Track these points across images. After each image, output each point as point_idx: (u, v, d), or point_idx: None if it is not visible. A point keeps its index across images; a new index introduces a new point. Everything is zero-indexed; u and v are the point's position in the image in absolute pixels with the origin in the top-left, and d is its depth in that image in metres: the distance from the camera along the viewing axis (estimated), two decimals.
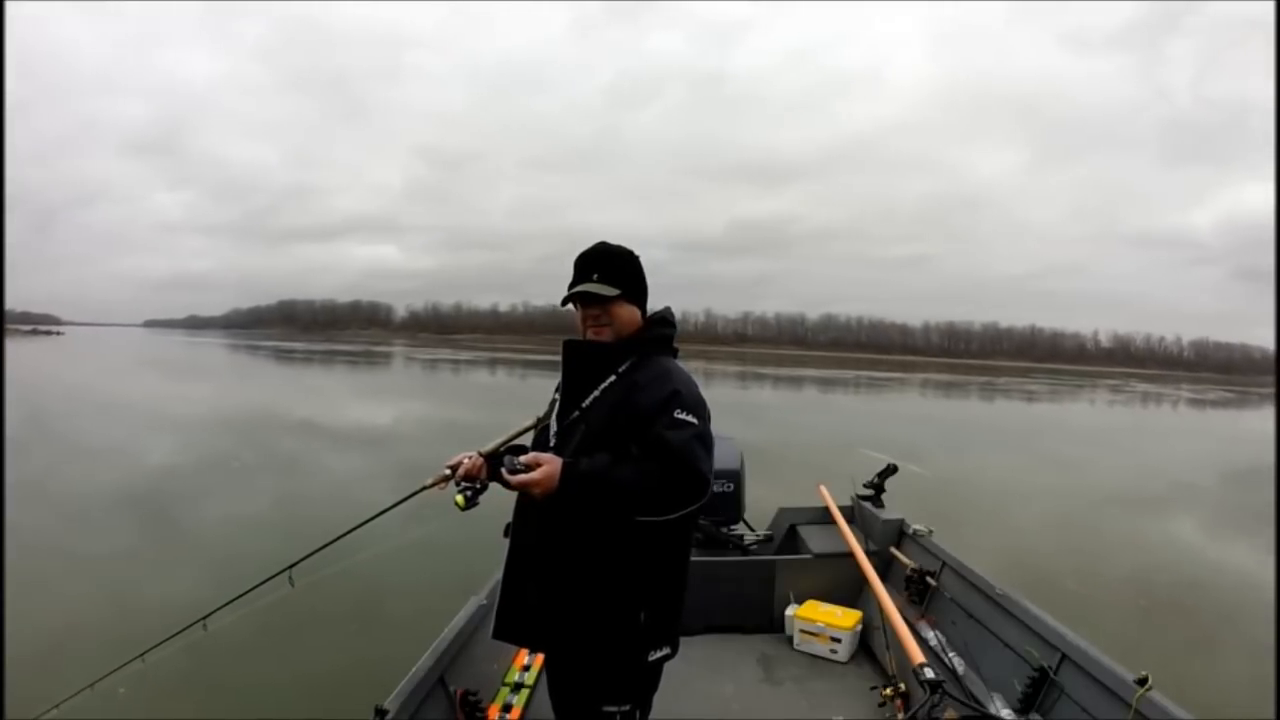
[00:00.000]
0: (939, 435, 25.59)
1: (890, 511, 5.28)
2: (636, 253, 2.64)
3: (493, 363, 69.04)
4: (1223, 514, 15.41)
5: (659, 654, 2.45)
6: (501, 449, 2.64)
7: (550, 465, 2.27)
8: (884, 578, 4.51)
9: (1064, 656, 3.31)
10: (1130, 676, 2.88)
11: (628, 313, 2.52)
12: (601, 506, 2.27)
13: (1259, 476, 20.19)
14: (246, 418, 21.64)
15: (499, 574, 3.79)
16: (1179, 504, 15.86)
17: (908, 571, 4.69)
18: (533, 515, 2.45)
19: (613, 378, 2.46)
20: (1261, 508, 15.06)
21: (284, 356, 68.72)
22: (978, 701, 3.45)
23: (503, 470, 2.37)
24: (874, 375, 79.87)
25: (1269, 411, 59.01)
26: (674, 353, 2.60)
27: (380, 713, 2.70)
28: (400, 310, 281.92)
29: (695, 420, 2.32)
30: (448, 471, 2.59)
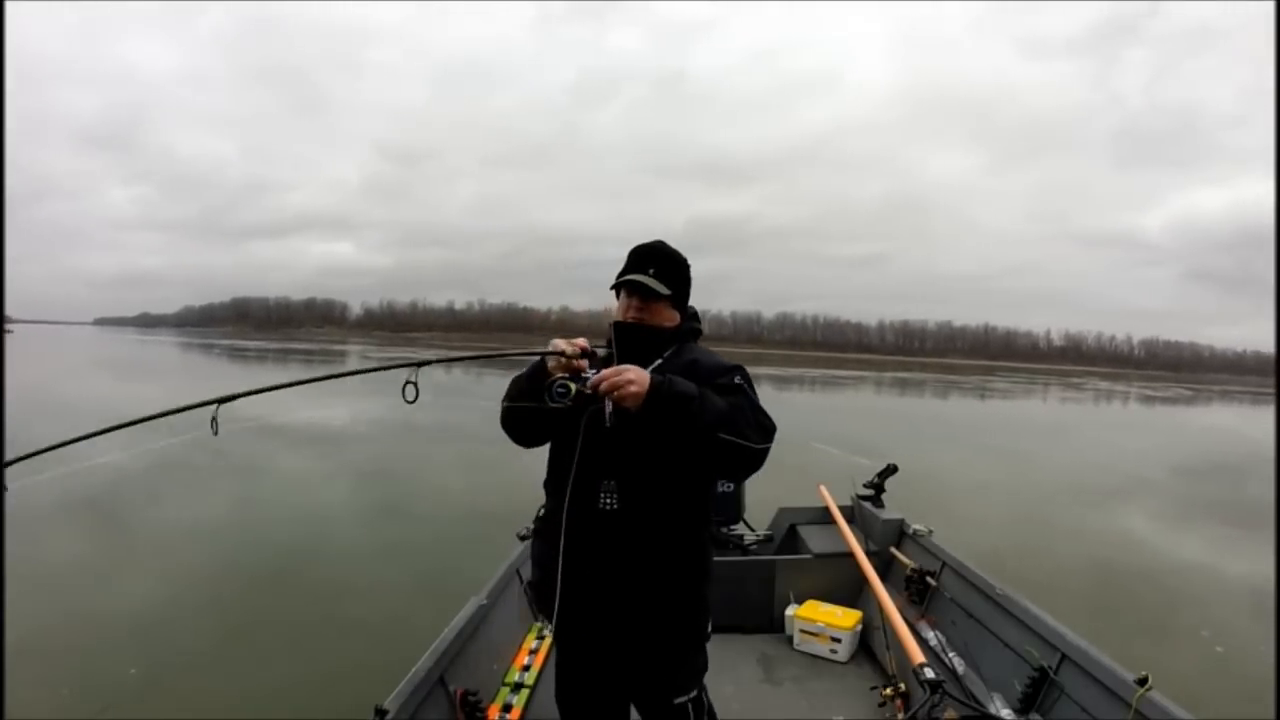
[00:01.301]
0: (893, 431, 26.04)
1: (890, 511, 5.27)
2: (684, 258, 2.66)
3: (449, 361, 68.65)
4: (1173, 506, 15.74)
5: (711, 625, 2.61)
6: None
7: (640, 372, 2.23)
8: (884, 578, 4.49)
9: (1064, 656, 3.29)
10: (1130, 676, 2.87)
11: (668, 315, 2.59)
12: (692, 415, 2.20)
13: (1207, 470, 21.13)
14: (197, 418, 21.04)
15: (499, 574, 3.96)
16: (1130, 497, 16.19)
17: (908, 571, 4.69)
18: (588, 497, 2.44)
19: (659, 361, 2.50)
20: (1209, 500, 16.25)
21: (238, 355, 67.48)
22: (978, 701, 3.43)
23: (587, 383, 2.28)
24: (831, 373, 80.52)
25: (1219, 408, 60.49)
26: None
27: (380, 713, 2.66)
28: (356, 308, 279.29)
29: (747, 384, 2.39)
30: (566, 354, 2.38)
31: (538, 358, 2.48)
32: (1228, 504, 16.12)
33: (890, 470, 5.48)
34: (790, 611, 4.73)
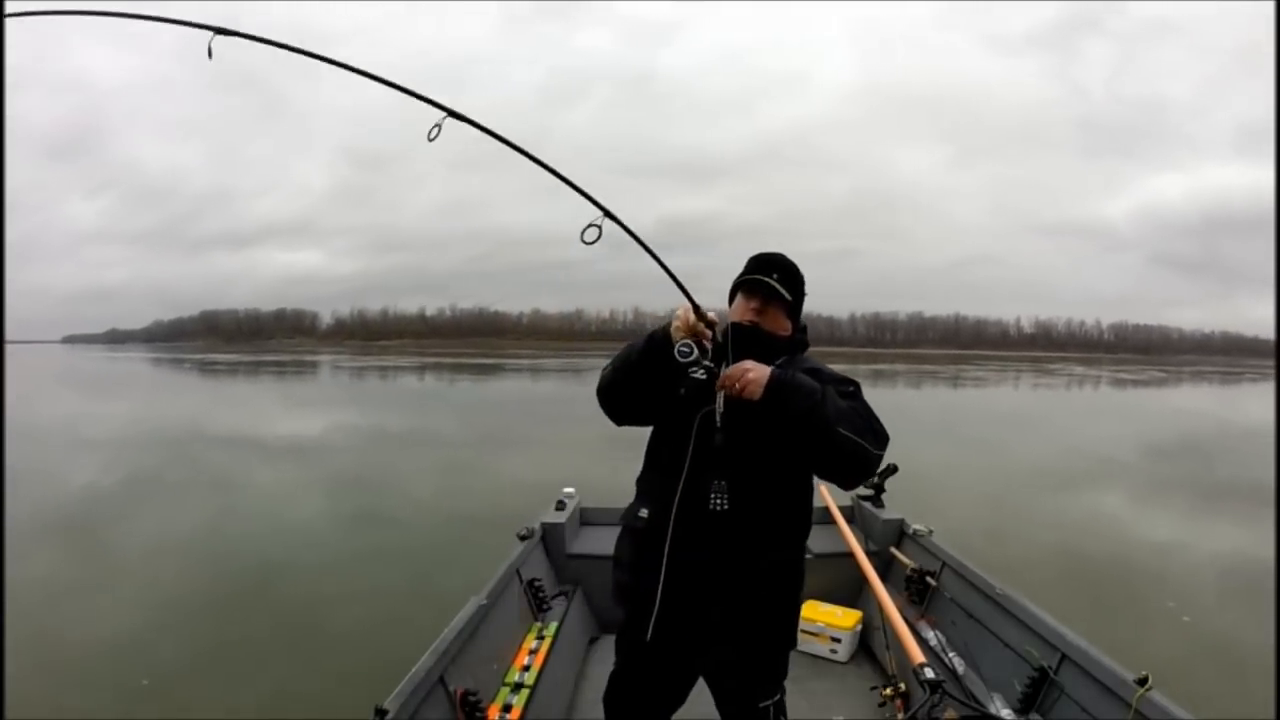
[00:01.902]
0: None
1: (890, 511, 5.26)
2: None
3: (422, 368, 68.25)
4: (1146, 487, 15.97)
5: None
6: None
7: (759, 367, 2.30)
8: (884, 578, 4.47)
9: (1064, 656, 3.28)
10: (1130, 676, 2.86)
11: (783, 322, 2.60)
12: (814, 406, 2.24)
13: (1178, 450, 21.40)
14: (173, 435, 20.95)
15: (499, 574, 4.08)
16: (1102, 479, 16.40)
17: (908, 571, 4.67)
18: (698, 496, 2.44)
19: (777, 364, 2.43)
20: (1180, 479, 16.50)
21: (209, 369, 67.02)
22: (978, 701, 3.42)
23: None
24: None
25: (1189, 389, 61.10)
26: None
27: (380, 713, 2.63)
28: (326, 317, 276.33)
29: (883, 451, 2.36)
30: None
31: None
32: (1198, 483, 16.36)
33: (890, 470, 5.40)
34: None
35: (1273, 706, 4.71)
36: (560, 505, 5.40)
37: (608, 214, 2.53)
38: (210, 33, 2.36)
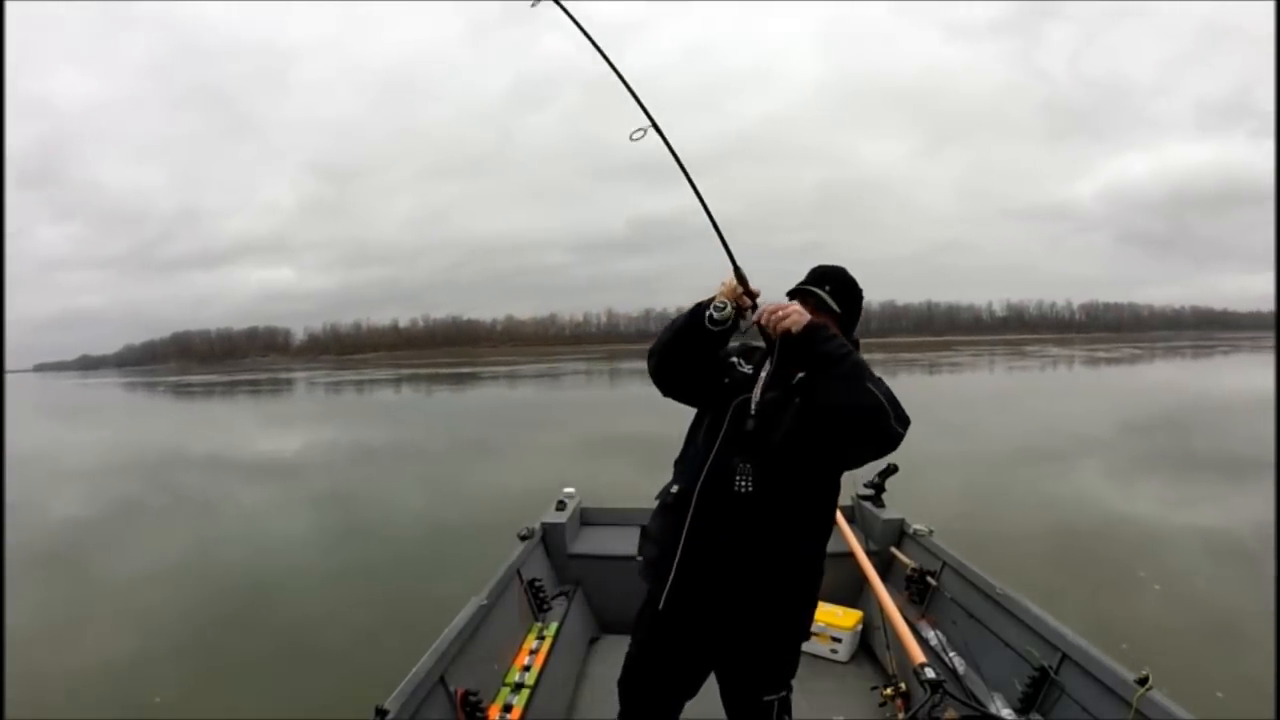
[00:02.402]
0: None
1: (890, 511, 5.25)
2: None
3: (398, 380, 67.92)
4: (1123, 462, 16.27)
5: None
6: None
7: (801, 310, 2.45)
8: (884, 578, 4.46)
9: (1064, 656, 3.27)
10: (1130, 676, 2.85)
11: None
12: (845, 354, 2.36)
13: (1153, 426, 21.61)
14: (151, 460, 20.84)
15: (499, 574, 4.11)
16: (1080, 456, 16.69)
17: (908, 571, 4.65)
18: (724, 477, 2.53)
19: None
20: (1156, 454, 16.86)
21: (183, 392, 66.43)
22: (978, 701, 3.42)
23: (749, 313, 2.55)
24: None
25: (1162, 364, 61.63)
26: None
27: (380, 713, 2.64)
28: (299, 333, 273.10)
29: (904, 430, 2.37)
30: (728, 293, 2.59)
31: None
32: (1174, 457, 16.81)
33: (891, 470, 5.43)
34: None
35: (1272, 708, 4.80)
36: (560, 505, 5.41)
37: (655, 125, 2.88)
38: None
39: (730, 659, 2.72)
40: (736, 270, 2.59)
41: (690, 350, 2.61)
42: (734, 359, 2.73)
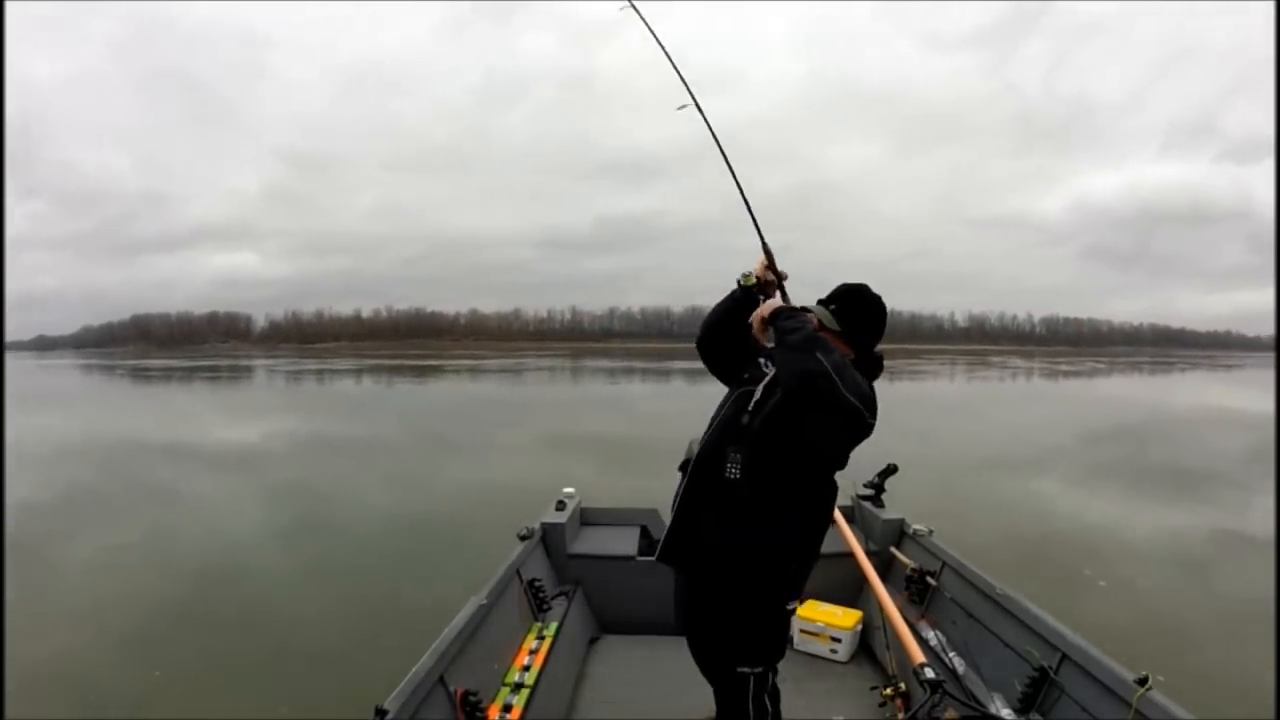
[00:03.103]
0: None
1: (890, 511, 5.26)
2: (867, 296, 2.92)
3: (359, 371, 67.38)
4: (1083, 471, 16.71)
5: (793, 604, 2.88)
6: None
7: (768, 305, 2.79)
8: (884, 578, 4.46)
9: (1064, 656, 3.29)
10: (1130, 676, 2.87)
11: (840, 347, 2.70)
12: (796, 332, 2.56)
13: (1111, 436, 22.18)
14: (108, 445, 20.40)
15: (499, 574, 4.14)
16: (1044, 465, 17.08)
17: (908, 571, 4.67)
18: (716, 460, 2.81)
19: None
20: (1115, 463, 17.28)
21: (141, 376, 65.38)
22: (978, 701, 3.43)
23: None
24: None
25: (1120, 379, 62.67)
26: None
27: (380, 713, 2.64)
28: (260, 320, 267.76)
29: (860, 406, 2.53)
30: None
31: None
32: (1131, 466, 17.32)
33: (890, 470, 5.45)
34: None
35: (1272, 709, 4.97)
36: (560, 505, 5.39)
37: (695, 103, 3.33)
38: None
39: (703, 623, 3.00)
40: (766, 249, 2.99)
41: (725, 317, 2.98)
42: (762, 359, 2.95)
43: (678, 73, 3.35)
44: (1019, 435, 21.87)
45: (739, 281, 2.97)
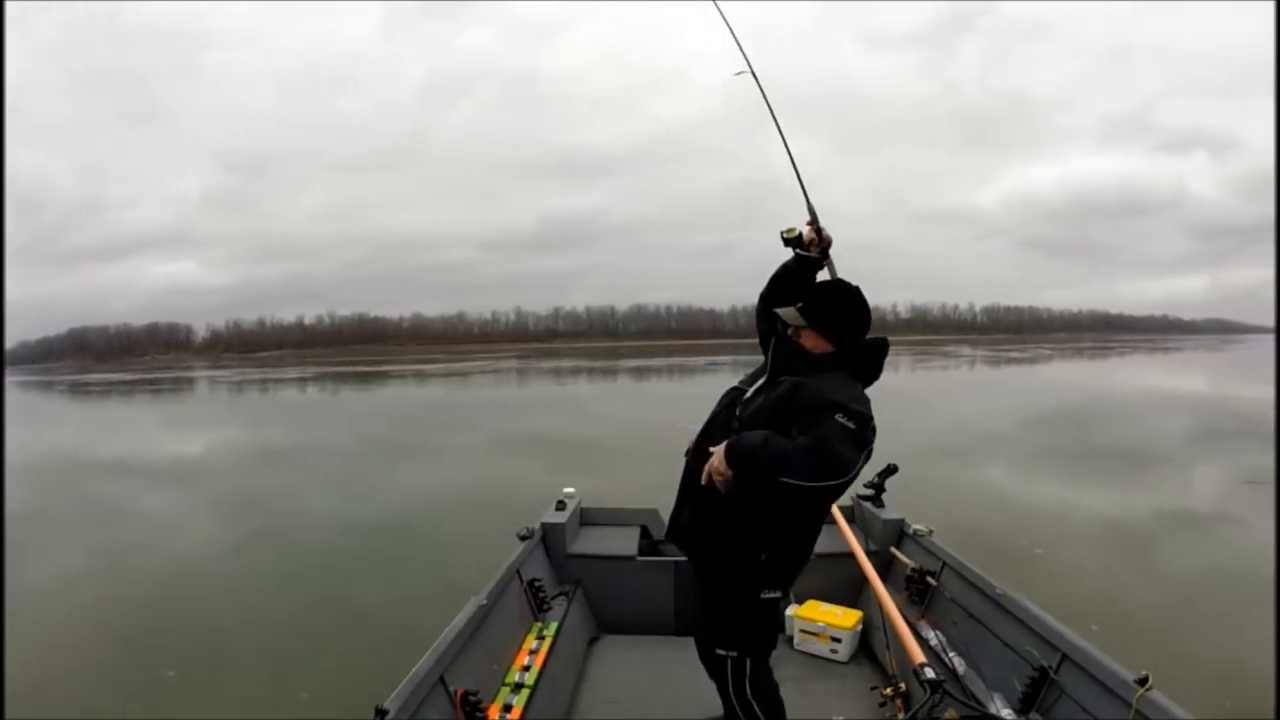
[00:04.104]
0: None
1: (890, 511, 5.27)
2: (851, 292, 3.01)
3: (303, 379, 66.57)
4: (1026, 456, 17.27)
5: (771, 594, 2.96)
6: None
7: (717, 452, 2.72)
8: (884, 578, 4.48)
9: (1064, 656, 3.28)
10: (1130, 676, 2.86)
11: (813, 341, 2.95)
12: (756, 470, 2.59)
13: (1051, 421, 22.71)
14: (46, 465, 19.71)
15: (499, 574, 4.18)
16: (985, 452, 17.57)
17: (908, 571, 4.67)
18: (701, 456, 2.88)
19: (762, 381, 3.02)
20: (1056, 448, 17.79)
21: (80, 391, 63.96)
22: (978, 701, 3.43)
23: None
24: (683, 361, 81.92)
25: (1060, 364, 63.93)
26: (865, 376, 2.94)
27: (380, 713, 2.65)
28: (201, 330, 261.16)
29: (852, 425, 2.57)
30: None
31: None
32: (1072, 449, 17.90)
33: (890, 470, 5.42)
34: (790, 611, 4.73)
35: (1273, 710, 4.94)
36: (560, 505, 5.40)
37: (752, 70, 3.48)
38: None
39: (694, 602, 3.31)
40: (811, 210, 3.16)
41: (781, 283, 3.18)
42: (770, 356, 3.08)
43: (735, 39, 3.57)
44: (963, 424, 22.19)
45: (782, 236, 3.11)
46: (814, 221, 3.13)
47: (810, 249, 3.12)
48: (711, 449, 2.76)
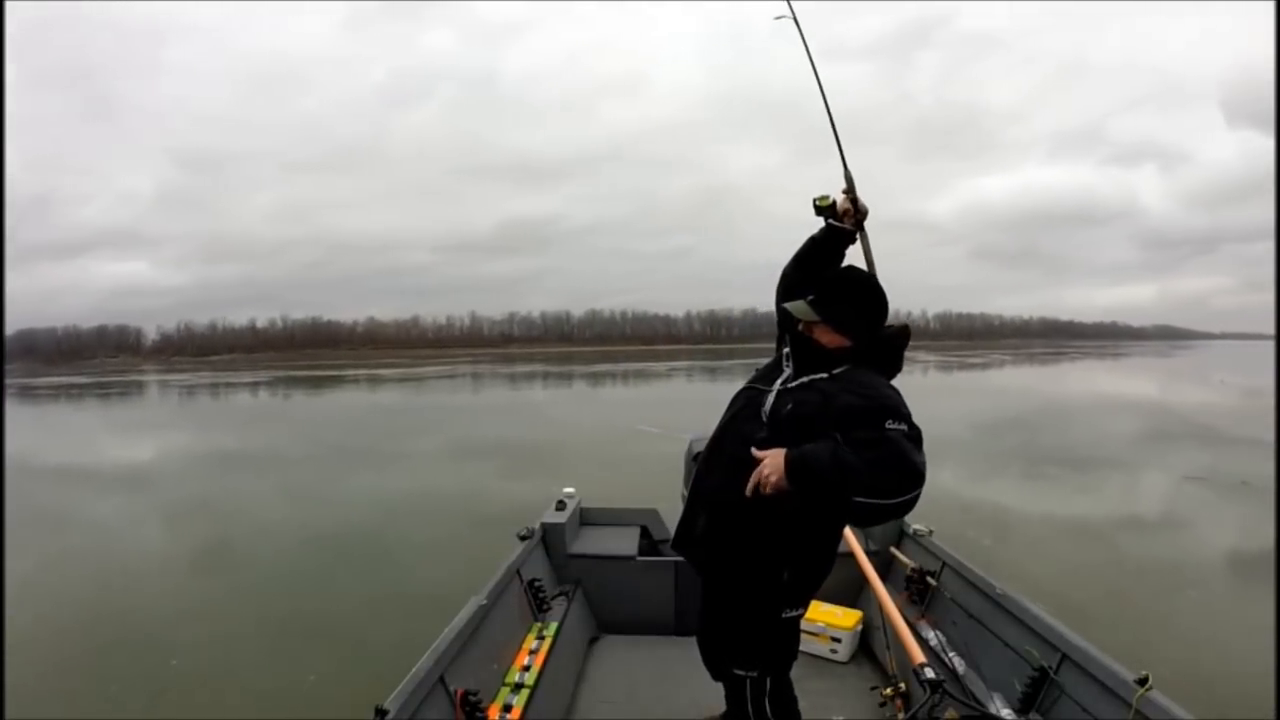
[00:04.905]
0: (706, 412, 27.18)
1: None
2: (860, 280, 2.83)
3: (255, 384, 65.75)
4: (979, 459, 17.59)
5: (793, 613, 2.80)
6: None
7: (774, 456, 2.47)
8: (884, 578, 4.49)
9: (1064, 656, 3.29)
10: (1130, 676, 2.86)
11: (829, 337, 2.72)
12: (828, 486, 2.38)
13: (1003, 426, 23.27)
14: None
15: (499, 574, 4.15)
16: (940, 455, 17.53)
17: (908, 571, 4.68)
18: (719, 461, 2.75)
19: (824, 375, 2.67)
20: (1008, 451, 18.13)
21: (29, 395, 62.87)
22: (978, 701, 3.42)
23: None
24: (639, 366, 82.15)
25: (1010, 371, 64.80)
26: (887, 368, 2.76)
27: (380, 713, 2.63)
28: (152, 332, 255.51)
29: (905, 427, 2.44)
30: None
31: None
32: (1024, 452, 18.43)
33: None
34: None
35: (1273, 710, 4.98)
36: (560, 505, 5.38)
37: (794, 15, 3.39)
38: None
39: (704, 619, 3.06)
40: (848, 177, 2.93)
41: (808, 257, 2.97)
42: (785, 350, 2.83)
43: None
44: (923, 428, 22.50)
45: (815, 203, 2.90)
46: (850, 190, 2.90)
47: (844, 220, 2.90)
48: (757, 453, 2.52)
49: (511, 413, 33.69)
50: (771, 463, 2.45)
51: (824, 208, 2.90)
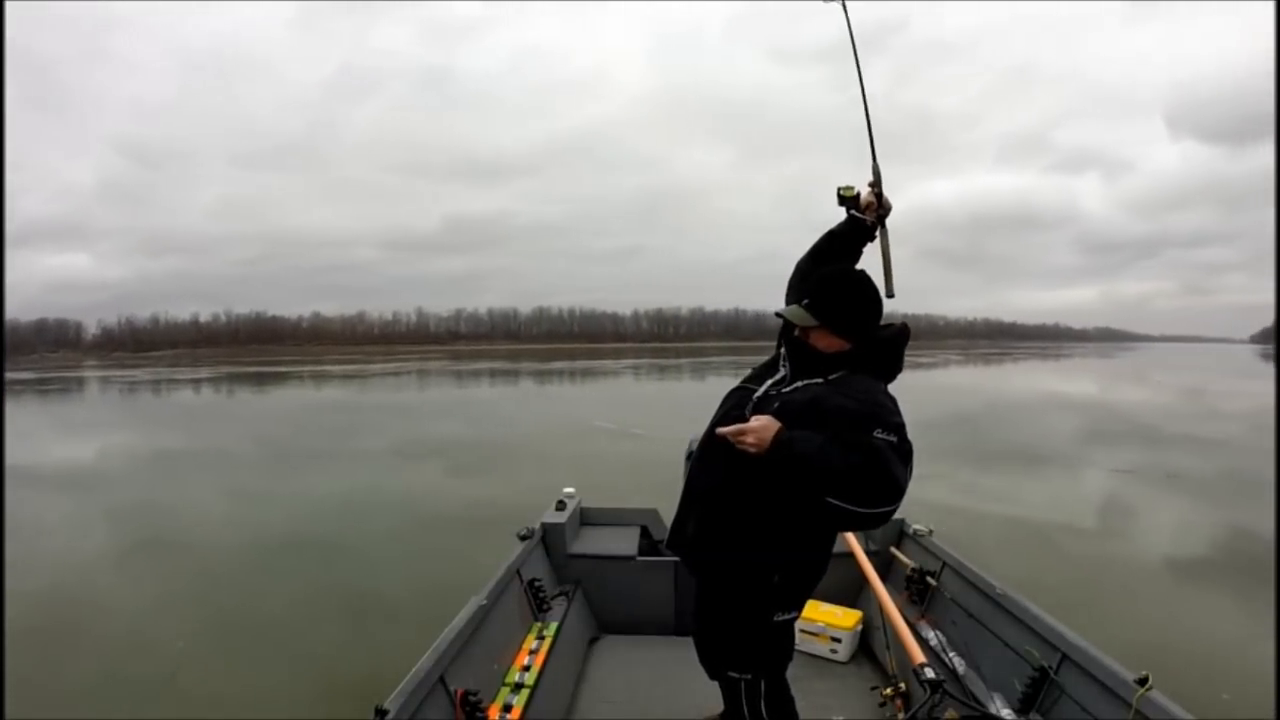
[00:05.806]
0: (658, 409, 28.55)
1: None
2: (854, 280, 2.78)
3: (197, 380, 64.65)
4: (924, 456, 17.66)
5: (785, 616, 2.77)
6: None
7: (768, 424, 2.43)
8: (884, 578, 4.53)
9: (1064, 656, 3.31)
10: (1130, 676, 2.88)
11: (826, 340, 2.68)
12: (807, 476, 2.36)
13: (949, 423, 23.40)
14: None
15: (499, 574, 4.15)
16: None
17: (908, 571, 4.70)
18: (714, 461, 2.67)
19: (820, 381, 2.64)
20: (949, 447, 18.19)
21: None
22: (978, 701, 3.43)
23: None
24: (588, 364, 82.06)
25: (955, 371, 65.76)
26: (887, 371, 2.74)
27: (380, 713, 2.64)
28: (92, 327, 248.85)
29: (894, 438, 2.40)
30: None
31: None
32: (970, 449, 18.73)
33: None
34: None
35: (1274, 710, 5.10)
36: (560, 505, 5.38)
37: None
38: None
39: (698, 621, 3.05)
40: (875, 170, 2.92)
41: (820, 248, 2.98)
42: (782, 350, 2.82)
43: None
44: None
45: (839, 193, 2.89)
46: (876, 184, 2.88)
47: (867, 213, 2.88)
48: (755, 417, 2.50)
49: (460, 410, 33.39)
50: (761, 426, 2.43)
51: (848, 198, 2.88)
